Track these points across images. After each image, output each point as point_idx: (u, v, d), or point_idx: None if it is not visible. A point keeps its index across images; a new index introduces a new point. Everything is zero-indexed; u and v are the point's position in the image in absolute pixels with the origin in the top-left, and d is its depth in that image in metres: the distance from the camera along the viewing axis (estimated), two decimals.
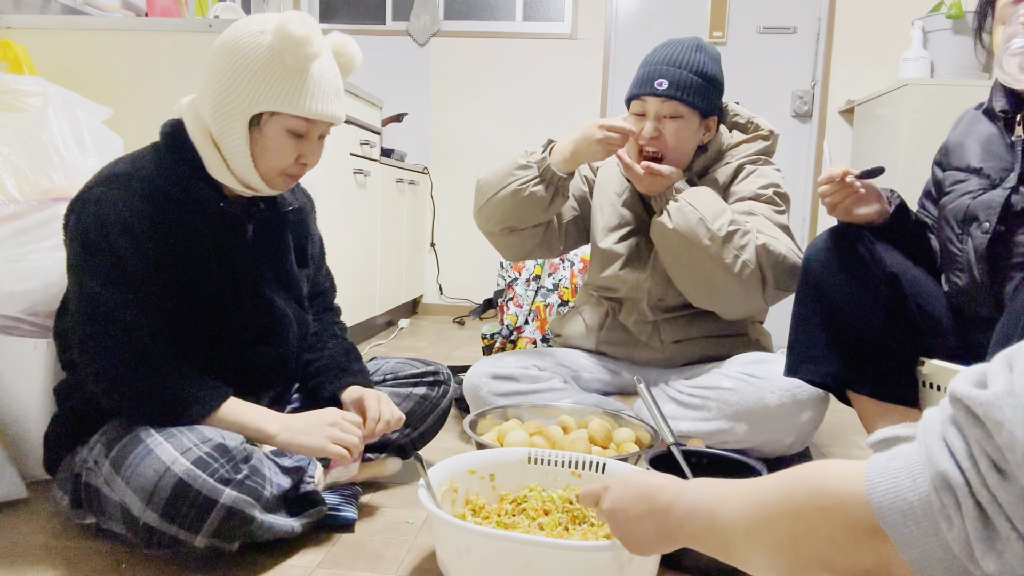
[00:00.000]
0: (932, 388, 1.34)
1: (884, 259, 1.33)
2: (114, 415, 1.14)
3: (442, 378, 1.52)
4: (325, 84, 1.17)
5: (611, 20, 3.85)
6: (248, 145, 1.16)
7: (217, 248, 1.20)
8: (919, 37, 3.18)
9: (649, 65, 1.61)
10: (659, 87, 1.57)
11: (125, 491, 1.03)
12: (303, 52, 1.11)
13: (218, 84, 1.14)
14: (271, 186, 1.22)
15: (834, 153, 3.70)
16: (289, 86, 1.13)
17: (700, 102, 1.59)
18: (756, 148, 1.71)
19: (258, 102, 1.13)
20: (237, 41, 1.14)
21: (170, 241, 1.15)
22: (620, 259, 1.72)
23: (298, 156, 1.20)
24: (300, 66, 1.13)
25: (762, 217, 1.59)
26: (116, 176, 1.14)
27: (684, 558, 1.13)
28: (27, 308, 1.40)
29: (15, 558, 1.13)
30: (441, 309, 4.09)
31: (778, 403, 1.48)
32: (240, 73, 1.13)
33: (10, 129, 1.52)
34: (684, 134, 1.60)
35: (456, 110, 4.00)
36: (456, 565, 1.00)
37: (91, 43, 2.05)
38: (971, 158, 1.33)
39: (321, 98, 1.16)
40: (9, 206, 1.41)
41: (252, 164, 1.18)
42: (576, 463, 1.22)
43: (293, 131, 1.17)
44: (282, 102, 1.13)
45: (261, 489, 1.08)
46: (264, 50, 1.12)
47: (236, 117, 1.14)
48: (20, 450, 1.39)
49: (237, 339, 1.24)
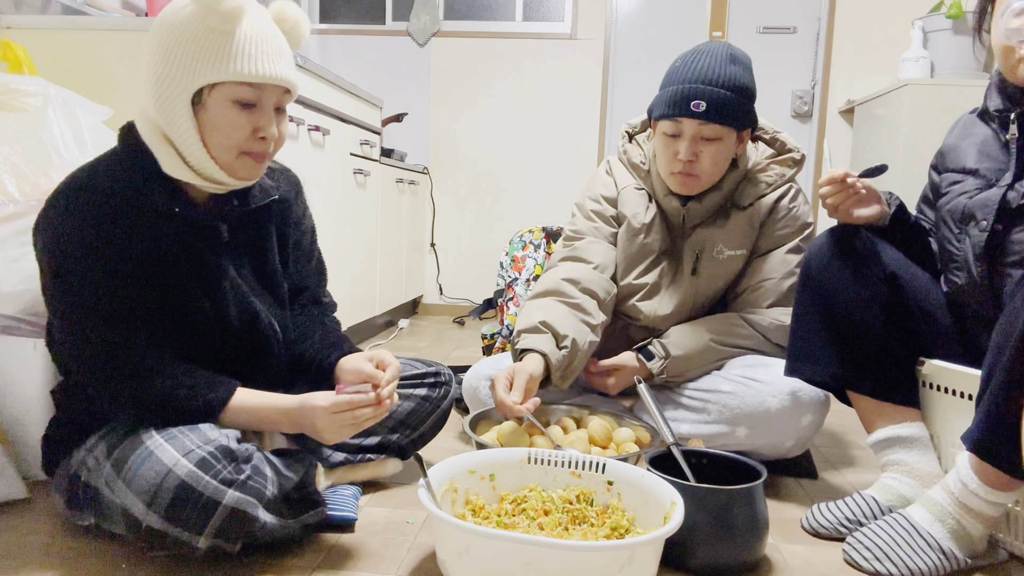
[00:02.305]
0: (932, 388, 1.34)
1: (884, 259, 1.33)
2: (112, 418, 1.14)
3: (443, 379, 1.50)
4: (264, 43, 1.08)
5: (611, 20, 3.85)
6: (195, 128, 1.08)
7: (189, 256, 1.14)
8: (919, 37, 3.18)
9: (683, 83, 1.50)
10: (696, 109, 1.47)
11: (126, 494, 1.02)
12: (224, 8, 1.03)
13: (153, 70, 1.08)
14: (233, 174, 1.13)
15: (834, 153, 3.70)
16: (220, 49, 1.05)
17: (738, 120, 1.51)
18: (789, 174, 1.64)
19: (194, 77, 1.06)
20: (162, 20, 1.08)
21: (135, 253, 1.10)
22: (640, 292, 1.68)
23: (254, 130, 1.11)
24: (226, 26, 1.05)
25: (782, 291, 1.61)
26: (71, 190, 1.10)
27: (684, 558, 1.13)
28: (27, 308, 1.40)
29: (15, 558, 1.13)
30: (441, 309, 4.09)
31: (779, 407, 1.47)
32: (170, 51, 1.06)
33: (10, 129, 1.52)
34: (722, 155, 1.53)
35: (456, 110, 4.00)
36: (456, 565, 1.00)
37: (91, 43, 2.05)
38: (967, 160, 1.33)
39: (260, 58, 1.07)
40: (9, 206, 1.41)
41: (204, 149, 1.09)
42: (576, 463, 1.22)
43: (239, 100, 1.08)
44: (216, 69, 1.05)
45: (263, 489, 1.07)
46: (188, 20, 1.05)
47: (177, 99, 1.07)
48: (20, 450, 1.39)
49: (219, 356, 1.19)
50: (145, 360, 1.09)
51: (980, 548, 1.17)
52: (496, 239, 3.90)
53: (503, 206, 4.01)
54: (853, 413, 1.40)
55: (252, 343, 1.24)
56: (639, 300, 1.68)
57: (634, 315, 1.71)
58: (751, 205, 1.63)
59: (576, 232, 1.74)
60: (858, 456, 1.78)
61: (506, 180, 4.01)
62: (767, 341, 1.61)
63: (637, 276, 1.68)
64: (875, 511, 1.27)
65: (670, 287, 1.67)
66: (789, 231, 1.63)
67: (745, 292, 1.65)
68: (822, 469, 1.66)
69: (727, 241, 1.62)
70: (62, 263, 1.08)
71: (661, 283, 1.68)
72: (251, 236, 1.25)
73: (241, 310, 1.21)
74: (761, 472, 1.19)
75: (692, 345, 1.59)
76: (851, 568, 1.19)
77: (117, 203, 1.09)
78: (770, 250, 1.64)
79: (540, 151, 3.96)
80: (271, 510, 1.10)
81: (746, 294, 1.65)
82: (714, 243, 1.62)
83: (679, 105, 1.49)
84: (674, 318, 1.67)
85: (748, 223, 1.63)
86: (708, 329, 1.61)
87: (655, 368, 1.59)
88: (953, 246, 1.32)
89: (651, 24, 3.83)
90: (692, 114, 1.48)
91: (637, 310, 1.69)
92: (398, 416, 1.43)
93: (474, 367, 1.74)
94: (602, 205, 1.73)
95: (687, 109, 1.48)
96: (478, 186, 4.04)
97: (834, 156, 3.70)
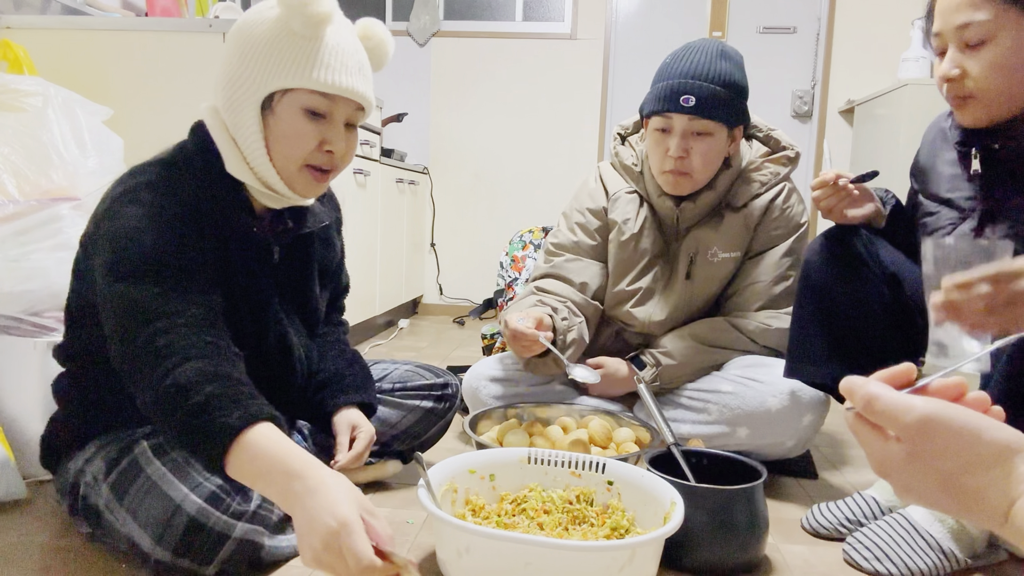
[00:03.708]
0: None
1: (883, 259, 1.33)
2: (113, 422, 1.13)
3: (450, 392, 1.47)
4: (344, 56, 1.05)
5: (611, 20, 3.85)
6: (262, 133, 1.05)
7: (245, 273, 1.12)
8: (919, 37, 3.18)
9: (672, 78, 1.50)
10: (686, 104, 1.47)
11: (132, 526, 1.01)
12: (310, 11, 0.99)
13: (227, 70, 1.06)
14: (292, 187, 1.10)
15: (834, 153, 3.70)
16: (299, 55, 1.02)
17: (728, 116, 1.50)
18: (783, 173, 1.63)
19: (268, 80, 1.03)
20: (245, 21, 1.06)
21: (208, 255, 1.05)
22: (632, 299, 1.68)
23: (321, 142, 1.07)
24: (311, 31, 1.01)
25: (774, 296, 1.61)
26: (144, 186, 1.04)
27: (684, 558, 1.13)
28: (27, 308, 1.40)
29: (15, 558, 1.13)
30: (441, 309, 4.09)
31: (779, 407, 1.47)
32: (247, 52, 1.03)
33: (10, 129, 1.52)
34: (713, 152, 1.52)
35: (456, 110, 4.00)
36: (456, 565, 1.00)
37: (91, 43, 2.05)
38: (940, 187, 1.31)
39: (339, 69, 1.04)
40: (9, 206, 1.41)
41: (267, 155, 1.06)
42: (576, 463, 1.22)
43: (310, 109, 1.05)
44: (292, 74, 1.02)
45: (270, 515, 1.07)
46: (271, 23, 1.03)
47: (247, 101, 1.04)
48: (20, 450, 1.39)
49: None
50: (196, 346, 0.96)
51: (980, 548, 1.17)
52: (496, 239, 3.89)
53: (503, 206, 4.01)
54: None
55: (280, 372, 1.22)
56: (632, 306, 1.68)
57: (628, 321, 1.70)
58: (745, 206, 1.62)
59: (557, 246, 1.74)
60: (858, 456, 1.78)
61: (506, 180, 4.01)
62: (754, 344, 1.60)
63: (630, 282, 1.67)
64: (875, 511, 1.27)
65: (664, 292, 1.67)
66: (782, 231, 1.63)
67: (734, 295, 1.65)
68: (822, 469, 1.66)
69: (722, 244, 1.61)
70: (131, 245, 0.99)
71: (655, 288, 1.67)
72: (297, 263, 1.23)
73: (278, 339, 1.19)
74: (761, 472, 1.19)
75: (681, 353, 1.59)
76: (851, 568, 1.19)
77: (189, 200, 1.05)
78: (763, 251, 1.63)
79: (540, 151, 3.96)
80: (277, 531, 1.10)
81: (735, 297, 1.65)
82: (708, 246, 1.62)
83: (669, 100, 1.49)
84: (669, 323, 1.66)
85: (743, 224, 1.62)
86: (695, 336, 1.61)
87: (647, 377, 1.59)
88: None
89: (651, 24, 3.83)
90: (681, 109, 1.47)
91: (631, 316, 1.68)
92: (401, 427, 1.43)
93: (474, 367, 1.74)
94: (586, 218, 1.72)
95: (676, 104, 1.48)
96: (478, 186, 4.04)
97: (834, 156, 3.70)
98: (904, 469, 0.51)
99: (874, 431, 0.53)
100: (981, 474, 0.49)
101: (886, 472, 0.53)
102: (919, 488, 0.51)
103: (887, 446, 0.52)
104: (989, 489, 0.49)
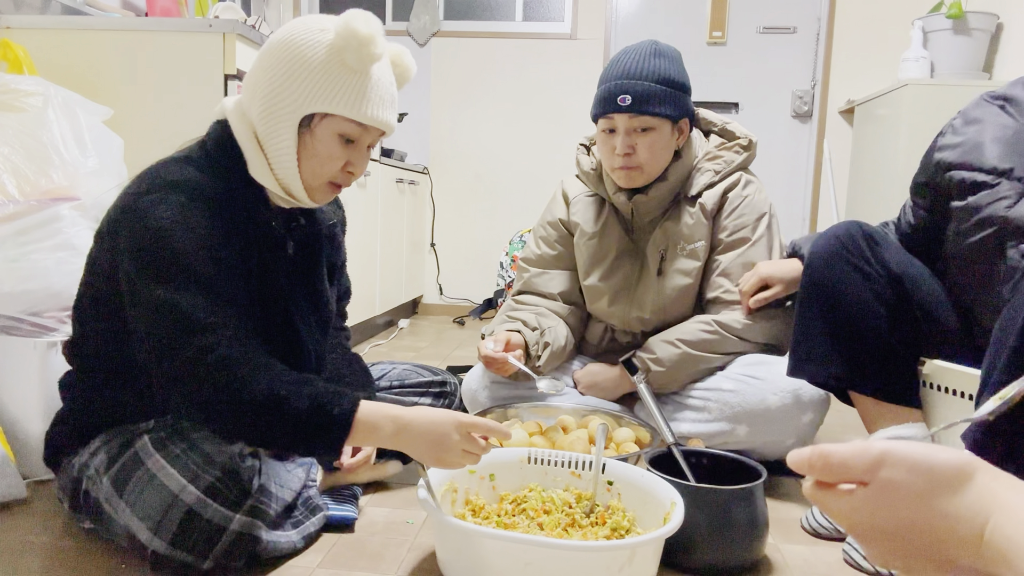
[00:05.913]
0: (933, 388, 1.34)
1: (886, 259, 1.32)
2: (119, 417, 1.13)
3: (449, 389, 1.50)
4: (383, 90, 1.11)
5: (611, 20, 3.85)
6: (295, 148, 1.10)
7: (262, 269, 1.14)
8: (919, 37, 3.18)
9: (609, 81, 1.57)
10: (623, 103, 1.53)
11: (130, 517, 1.02)
12: (367, 52, 1.05)
13: (270, 81, 1.08)
14: (312, 196, 1.16)
15: (834, 153, 3.70)
16: (348, 87, 1.07)
17: (668, 110, 1.55)
18: (737, 161, 1.65)
19: (312, 102, 1.07)
20: (295, 38, 1.08)
21: (233, 251, 1.07)
22: (606, 296, 1.70)
23: (346, 164, 1.14)
24: (361, 67, 1.07)
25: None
26: (166, 184, 1.05)
27: (684, 558, 1.13)
28: (27, 308, 1.40)
29: (15, 558, 1.13)
30: (441, 309, 4.10)
31: (779, 404, 1.47)
32: (296, 70, 1.07)
33: (10, 129, 1.52)
34: (657, 145, 1.57)
35: (456, 110, 4.00)
36: (456, 565, 1.00)
37: (91, 43, 2.05)
38: (995, 159, 1.23)
39: (379, 104, 1.11)
40: (9, 206, 1.41)
41: (297, 169, 1.11)
42: (576, 463, 1.22)
43: (345, 135, 1.11)
44: (339, 103, 1.07)
45: (268, 509, 1.08)
46: (324, 48, 1.06)
47: (286, 117, 1.08)
48: (21, 450, 1.39)
49: None
50: (251, 358, 1.01)
51: None
52: (496, 239, 3.90)
53: (503, 206, 4.01)
54: (853, 412, 1.40)
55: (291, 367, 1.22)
56: (610, 305, 1.70)
57: (610, 320, 1.74)
58: (700, 195, 1.65)
59: (525, 260, 1.84)
60: None
61: (506, 180, 4.01)
62: (745, 343, 1.59)
63: (600, 278, 1.71)
64: None
65: (637, 288, 1.69)
66: (745, 219, 1.63)
67: (712, 291, 1.65)
68: None
69: (687, 236, 1.64)
70: (159, 245, 1.01)
71: (627, 286, 1.70)
72: (309, 258, 1.25)
73: (286, 325, 1.19)
74: (761, 472, 1.19)
75: (671, 360, 1.58)
76: (851, 568, 1.19)
77: (215, 200, 1.07)
78: (731, 244, 1.64)
79: (540, 151, 3.96)
80: (274, 526, 1.10)
81: (716, 294, 1.64)
82: (676, 240, 1.64)
83: (608, 102, 1.56)
84: (652, 321, 1.68)
85: (701, 213, 1.64)
86: (682, 339, 1.60)
87: (639, 381, 1.58)
88: (997, 264, 1.22)
89: (651, 24, 3.83)
90: (619, 108, 1.55)
91: (611, 315, 1.72)
92: None
93: (474, 369, 1.74)
94: (547, 231, 1.81)
95: (615, 104, 1.55)
96: (478, 186, 4.04)
97: (834, 156, 3.70)
98: (875, 513, 0.51)
99: (835, 492, 0.53)
100: (949, 497, 0.49)
101: (857, 525, 0.53)
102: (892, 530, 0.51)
103: (852, 499, 0.52)
104: (961, 511, 0.48)
